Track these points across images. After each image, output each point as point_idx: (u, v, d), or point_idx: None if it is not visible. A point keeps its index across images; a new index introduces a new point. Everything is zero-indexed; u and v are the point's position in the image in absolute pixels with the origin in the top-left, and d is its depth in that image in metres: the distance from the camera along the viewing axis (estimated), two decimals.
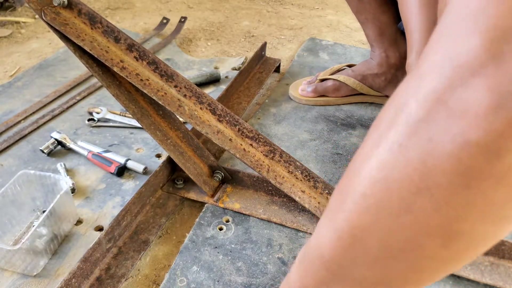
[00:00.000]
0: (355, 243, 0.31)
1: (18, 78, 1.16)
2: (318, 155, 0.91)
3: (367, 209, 0.29)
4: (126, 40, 0.65)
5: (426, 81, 0.25)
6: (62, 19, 0.61)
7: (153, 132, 0.72)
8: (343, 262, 0.33)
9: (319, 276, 0.36)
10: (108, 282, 0.62)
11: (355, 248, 0.31)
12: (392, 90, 1.04)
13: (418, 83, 0.26)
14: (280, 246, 0.69)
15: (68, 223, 0.71)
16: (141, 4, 1.78)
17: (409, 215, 0.27)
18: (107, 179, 0.83)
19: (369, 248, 0.30)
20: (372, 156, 0.29)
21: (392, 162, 0.27)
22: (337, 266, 0.34)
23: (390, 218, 0.28)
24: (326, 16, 1.74)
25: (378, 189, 0.28)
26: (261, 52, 1.21)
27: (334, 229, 0.33)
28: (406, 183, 0.26)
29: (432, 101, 0.24)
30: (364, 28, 0.99)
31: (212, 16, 1.69)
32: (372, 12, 0.93)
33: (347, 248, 0.32)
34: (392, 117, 0.27)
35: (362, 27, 0.99)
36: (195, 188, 0.79)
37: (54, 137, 0.88)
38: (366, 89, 1.05)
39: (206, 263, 0.66)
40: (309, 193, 0.71)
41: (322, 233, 0.35)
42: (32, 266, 0.64)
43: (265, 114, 1.04)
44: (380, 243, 0.29)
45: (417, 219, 0.27)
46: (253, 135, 0.71)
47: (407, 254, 0.29)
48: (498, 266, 0.66)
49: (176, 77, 0.68)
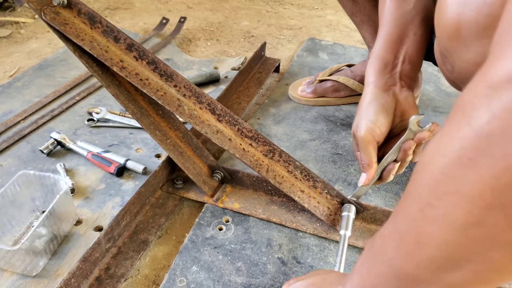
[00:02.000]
0: (420, 249, 0.31)
1: (18, 78, 1.16)
2: (318, 155, 0.91)
3: (433, 219, 0.29)
4: (125, 40, 0.65)
5: (501, 93, 0.24)
6: (62, 19, 0.61)
7: (153, 132, 0.72)
8: (405, 265, 0.33)
9: (380, 275, 0.37)
10: (107, 282, 0.62)
11: (419, 253, 0.31)
12: None
13: (489, 93, 0.24)
14: (279, 246, 0.69)
15: (68, 223, 0.71)
16: (141, 4, 1.78)
17: (479, 229, 0.26)
18: (106, 179, 0.83)
19: (433, 256, 0.30)
20: (439, 166, 0.28)
21: (461, 175, 0.26)
22: (399, 268, 0.34)
23: (458, 230, 0.27)
24: (326, 16, 1.74)
25: (445, 201, 0.28)
26: (261, 52, 1.21)
27: (399, 232, 0.33)
28: (477, 198, 0.25)
29: (508, 115, 0.23)
30: (360, 30, 0.99)
31: (211, 16, 1.69)
32: (367, 14, 0.92)
33: (410, 253, 0.32)
34: (457, 128, 0.27)
35: (358, 29, 0.99)
36: (194, 188, 0.79)
37: (53, 137, 0.88)
38: None
39: (206, 263, 0.66)
40: (308, 193, 0.71)
41: (386, 234, 0.36)
42: (32, 267, 0.64)
43: (265, 114, 1.04)
44: (446, 253, 0.29)
45: (487, 234, 0.26)
46: (252, 134, 0.71)
47: (474, 265, 0.28)
48: None
49: (175, 77, 0.68)
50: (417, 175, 0.31)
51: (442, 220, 0.28)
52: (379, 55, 0.66)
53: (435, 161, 0.29)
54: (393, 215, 0.36)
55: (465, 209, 0.26)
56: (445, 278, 0.31)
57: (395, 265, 0.34)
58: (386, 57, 0.66)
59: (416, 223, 0.31)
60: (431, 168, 0.29)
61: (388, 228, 0.36)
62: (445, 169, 0.27)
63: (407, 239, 0.32)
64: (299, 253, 0.68)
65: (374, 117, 0.63)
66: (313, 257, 0.68)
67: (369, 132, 0.63)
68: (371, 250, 0.39)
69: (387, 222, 0.37)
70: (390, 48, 0.66)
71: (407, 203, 0.32)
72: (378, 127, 0.63)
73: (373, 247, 0.38)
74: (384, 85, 0.65)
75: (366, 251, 0.41)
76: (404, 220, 0.33)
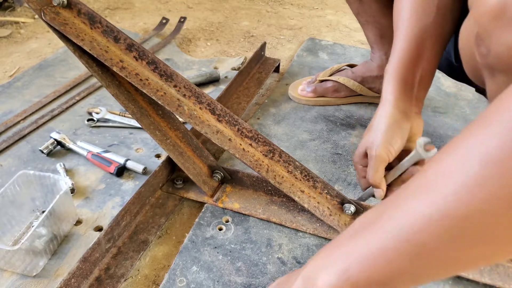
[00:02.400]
0: (449, 229, 0.30)
1: (18, 78, 1.16)
2: (318, 155, 0.91)
3: (467, 202, 0.28)
4: (125, 40, 0.65)
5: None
6: (62, 19, 0.61)
7: (153, 132, 0.72)
8: (430, 241, 0.32)
9: (401, 251, 0.34)
10: (107, 282, 0.62)
11: (449, 233, 0.30)
12: None
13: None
14: (279, 246, 0.69)
15: (68, 223, 0.71)
16: (141, 4, 1.78)
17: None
18: (106, 179, 0.83)
19: (465, 235, 0.30)
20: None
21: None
22: (423, 244, 0.32)
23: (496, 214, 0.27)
24: (326, 16, 1.74)
25: (479, 186, 0.28)
26: (261, 52, 1.21)
27: (429, 212, 0.31)
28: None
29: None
30: (364, 30, 0.99)
31: (211, 16, 1.69)
32: (373, 15, 0.92)
33: (439, 233, 0.31)
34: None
35: (363, 29, 0.99)
36: (194, 188, 0.79)
37: (53, 137, 0.88)
38: (366, 91, 1.05)
39: (206, 263, 0.66)
40: (308, 193, 0.71)
41: (412, 208, 0.33)
42: (32, 267, 0.64)
43: (265, 114, 1.04)
44: (477, 232, 0.29)
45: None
46: (252, 135, 0.71)
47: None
48: (497, 265, 0.66)
49: (175, 77, 0.68)
50: (452, 144, 0.31)
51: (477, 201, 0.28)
52: (398, 72, 0.66)
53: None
54: (414, 190, 0.33)
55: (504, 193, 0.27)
56: (471, 254, 0.31)
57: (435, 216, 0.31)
58: (405, 75, 0.66)
59: (448, 204, 0.29)
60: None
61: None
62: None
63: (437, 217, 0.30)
64: (299, 253, 0.68)
65: (394, 140, 0.64)
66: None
67: (386, 153, 0.64)
68: (377, 219, 0.36)
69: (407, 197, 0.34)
70: (410, 65, 0.66)
71: (440, 176, 0.31)
72: (395, 149, 0.64)
73: (379, 215, 0.36)
74: (403, 109, 0.66)
75: (362, 223, 0.38)
76: (434, 197, 0.31)
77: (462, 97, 1.16)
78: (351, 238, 0.38)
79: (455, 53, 0.74)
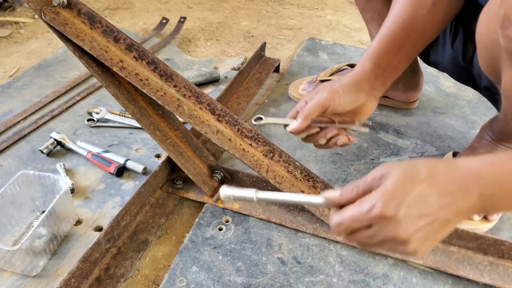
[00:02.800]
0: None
1: (18, 78, 1.16)
2: (318, 155, 0.91)
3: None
4: (125, 40, 0.65)
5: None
6: (62, 19, 0.61)
7: (153, 132, 0.72)
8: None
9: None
10: (107, 282, 0.62)
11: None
12: (393, 92, 1.04)
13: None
14: (279, 246, 0.69)
15: (68, 223, 0.71)
16: (141, 4, 1.78)
17: None
18: (106, 179, 0.83)
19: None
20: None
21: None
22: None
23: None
24: (326, 16, 1.74)
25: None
26: (261, 52, 1.21)
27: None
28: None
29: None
30: (368, 27, 0.99)
31: (211, 16, 1.69)
32: (378, 12, 0.93)
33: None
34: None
35: (367, 26, 0.99)
36: (194, 188, 0.79)
37: (53, 137, 0.88)
38: None
39: (206, 263, 0.66)
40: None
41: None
42: (32, 267, 0.64)
43: (265, 114, 1.04)
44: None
45: None
46: (252, 135, 0.71)
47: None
48: (497, 266, 0.66)
49: (175, 77, 0.68)
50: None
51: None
52: (376, 56, 0.68)
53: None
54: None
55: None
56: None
57: None
58: (381, 59, 0.68)
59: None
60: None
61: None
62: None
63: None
64: (299, 253, 0.68)
65: (347, 95, 0.66)
66: (313, 257, 0.68)
67: (332, 96, 0.65)
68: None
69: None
70: (389, 54, 0.68)
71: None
72: (341, 102, 0.65)
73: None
74: (369, 82, 0.68)
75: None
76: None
77: (462, 97, 1.16)
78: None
79: (463, 52, 0.75)
